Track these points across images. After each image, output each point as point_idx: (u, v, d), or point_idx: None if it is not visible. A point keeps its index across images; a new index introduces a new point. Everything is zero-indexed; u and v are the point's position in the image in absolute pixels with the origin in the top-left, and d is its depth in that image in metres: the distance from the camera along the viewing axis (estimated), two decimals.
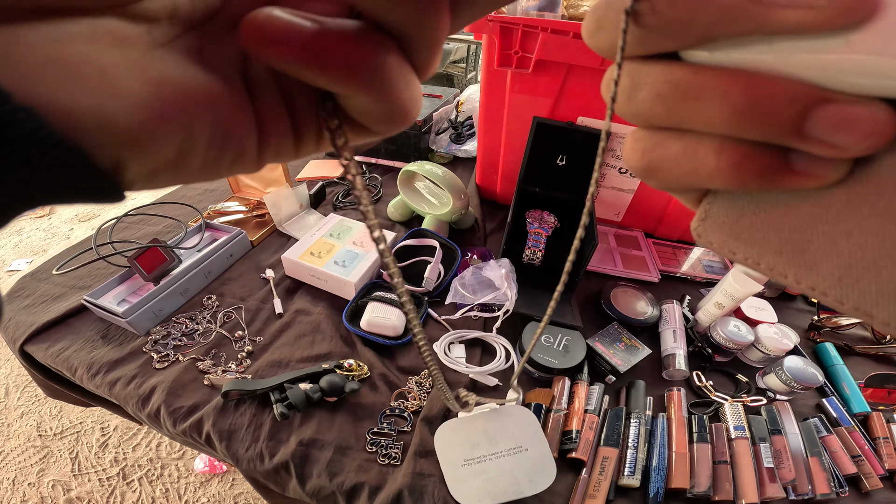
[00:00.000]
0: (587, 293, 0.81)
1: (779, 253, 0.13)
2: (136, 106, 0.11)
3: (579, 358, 0.63)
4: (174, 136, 0.12)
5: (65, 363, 0.63)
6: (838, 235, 0.12)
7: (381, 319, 0.67)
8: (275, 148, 0.15)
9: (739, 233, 0.14)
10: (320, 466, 0.53)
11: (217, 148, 0.13)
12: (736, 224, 0.14)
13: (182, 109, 0.12)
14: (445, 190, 0.83)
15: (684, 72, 0.12)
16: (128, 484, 1.28)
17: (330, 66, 0.12)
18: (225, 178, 0.15)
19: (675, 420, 0.60)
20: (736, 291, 0.68)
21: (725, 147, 0.12)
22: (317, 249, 0.78)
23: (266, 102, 0.14)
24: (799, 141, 0.11)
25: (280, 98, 0.14)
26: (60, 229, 2.28)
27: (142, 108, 0.11)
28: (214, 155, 0.13)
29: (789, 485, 0.55)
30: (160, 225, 0.90)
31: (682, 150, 0.13)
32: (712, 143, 0.12)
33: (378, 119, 0.14)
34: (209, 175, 0.14)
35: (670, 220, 0.94)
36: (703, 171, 0.13)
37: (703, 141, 0.13)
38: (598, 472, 0.54)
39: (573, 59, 0.69)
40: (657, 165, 0.14)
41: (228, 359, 0.65)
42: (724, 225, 0.14)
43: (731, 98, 0.11)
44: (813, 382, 0.63)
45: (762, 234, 0.13)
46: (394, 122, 0.15)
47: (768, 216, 0.13)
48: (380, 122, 0.14)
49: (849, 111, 0.10)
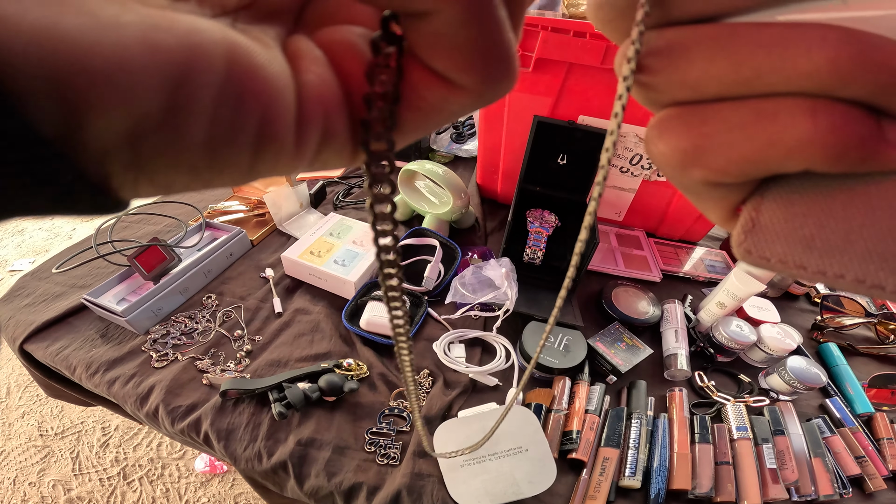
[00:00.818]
0: (588, 293, 0.81)
1: (868, 260, 0.10)
2: (111, 25, 0.08)
3: (580, 358, 0.62)
4: (162, 74, 0.08)
5: (64, 362, 0.63)
6: None
7: (381, 319, 0.67)
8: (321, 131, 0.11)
9: (811, 239, 0.11)
10: (318, 466, 0.53)
11: (231, 109, 0.09)
12: (802, 228, 0.11)
13: (184, 40, 0.09)
14: (446, 189, 0.83)
15: (768, 29, 0.10)
16: (128, 484, 1.28)
17: None
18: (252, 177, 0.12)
19: (677, 420, 0.59)
20: (738, 291, 0.68)
21: (820, 106, 0.09)
22: (317, 248, 0.78)
23: (311, 66, 0.11)
24: None
25: (330, 67, 0.11)
26: (63, 229, 2.29)
27: (118, 28, 0.08)
28: (227, 121, 0.10)
29: (792, 486, 0.55)
30: (160, 224, 0.90)
31: (754, 117, 0.10)
32: (802, 105, 0.10)
33: (467, 57, 0.10)
34: (225, 162, 0.10)
35: (672, 220, 0.94)
36: (789, 140, 0.10)
37: (785, 103, 0.10)
38: (599, 473, 0.53)
39: (574, 57, 0.69)
40: (710, 145, 0.11)
41: (227, 358, 0.65)
42: (783, 231, 0.11)
43: (831, 45, 0.09)
44: (816, 383, 0.62)
45: (843, 237, 0.10)
46: (491, 67, 0.11)
47: (848, 213, 0.10)
48: (470, 63, 0.11)
49: None
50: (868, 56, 0.09)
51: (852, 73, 0.09)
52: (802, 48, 0.09)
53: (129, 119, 0.08)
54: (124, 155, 0.09)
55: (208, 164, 0.10)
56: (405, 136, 0.13)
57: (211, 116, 0.09)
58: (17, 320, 0.68)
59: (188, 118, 0.09)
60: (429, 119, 0.12)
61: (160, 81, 0.08)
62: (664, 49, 0.11)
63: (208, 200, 0.97)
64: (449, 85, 0.11)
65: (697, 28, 0.10)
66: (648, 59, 0.11)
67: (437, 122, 0.12)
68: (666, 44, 0.11)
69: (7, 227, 2.29)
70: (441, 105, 0.12)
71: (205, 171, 0.10)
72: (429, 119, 0.12)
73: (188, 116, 0.09)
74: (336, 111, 0.12)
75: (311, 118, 0.11)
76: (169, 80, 0.08)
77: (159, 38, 0.08)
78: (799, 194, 0.11)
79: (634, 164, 0.84)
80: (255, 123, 0.10)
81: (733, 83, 0.10)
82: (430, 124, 0.12)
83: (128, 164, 0.09)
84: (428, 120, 0.12)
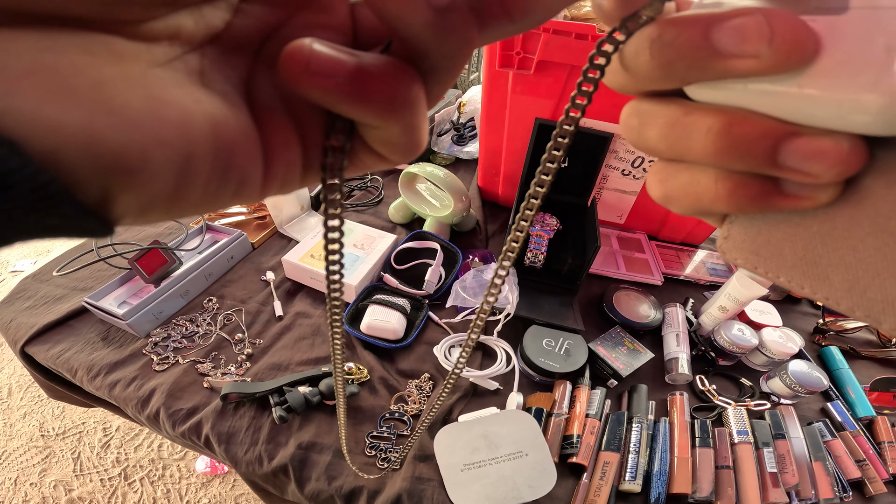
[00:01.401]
0: (589, 296, 0.81)
1: (794, 267, 0.14)
2: (133, 125, 0.10)
3: (581, 362, 0.62)
4: (172, 164, 0.11)
5: (65, 365, 0.63)
6: (845, 250, 0.13)
7: (382, 322, 0.67)
8: (282, 177, 0.15)
9: (758, 249, 0.15)
10: (319, 470, 0.53)
11: (218, 177, 0.12)
12: (754, 241, 0.15)
13: (182, 132, 0.11)
14: (447, 192, 0.83)
15: (678, 111, 0.14)
16: (129, 484, 1.28)
17: (373, 99, 0.12)
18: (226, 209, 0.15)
19: (678, 424, 0.59)
20: (740, 295, 0.68)
21: (720, 176, 0.13)
22: (317, 251, 0.78)
23: (274, 128, 0.14)
24: (776, 170, 0.12)
25: (289, 123, 0.14)
26: None
27: (138, 128, 0.10)
28: (216, 185, 0.12)
29: (793, 490, 0.55)
30: (161, 227, 0.90)
31: (689, 180, 0.14)
32: (710, 173, 0.14)
33: (399, 149, 0.15)
34: (206, 207, 0.13)
35: (673, 223, 0.93)
36: (707, 198, 0.14)
37: (704, 171, 0.14)
38: (599, 477, 0.53)
39: (575, 59, 0.69)
40: (672, 194, 0.15)
41: (228, 361, 0.65)
42: (743, 243, 0.15)
43: (714, 135, 0.12)
44: (817, 386, 0.62)
45: (778, 251, 0.14)
46: (411, 152, 0.15)
47: (782, 234, 0.14)
48: (399, 151, 0.15)
49: (814, 144, 0.11)
50: (738, 142, 0.12)
51: (730, 155, 0.12)
52: (701, 136, 0.13)
53: (147, 197, 0.11)
54: (136, 214, 0.11)
55: (195, 210, 0.13)
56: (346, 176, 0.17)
57: (204, 187, 0.12)
58: (18, 323, 0.68)
59: (189, 191, 0.12)
60: (362, 171, 0.17)
61: (170, 170, 0.11)
62: (637, 125, 0.15)
63: None
64: (381, 156, 0.15)
65: (655, 108, 0.14)
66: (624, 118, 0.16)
67: (360, 173, 0.17)
68: (638, 120, 0.15)
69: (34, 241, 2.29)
70: (372, 166, 0.16)
71: (190, 212, 0.13)
72: (362, 171, 0.17)
73: (189, 190, 0.12)
74: (294, 163, 0.15)
75: (275, 173, 0.14)
76: (176, 169, 0.11)
77: (167, 136, 0.10)
78: (755, 217, 0.15)
79: (636, 167, 0.84)
80: (235, 184, 0.13)
81: (674, 156, 0.14)
82: (363, 173, 0.17)
83: (135, 217, 0.11)
84: (361, 171, 0.17)
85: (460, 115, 1.21)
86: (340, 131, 0.14)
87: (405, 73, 0.13)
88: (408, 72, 0.13)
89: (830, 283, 0.13)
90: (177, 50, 0.12)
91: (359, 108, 0.12)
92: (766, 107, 0.12)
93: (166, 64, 0.12)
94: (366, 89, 0.12)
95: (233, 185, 0.13)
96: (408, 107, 0.13)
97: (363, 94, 0.12)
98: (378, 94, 0.12)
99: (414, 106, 0.13)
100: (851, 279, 0.13)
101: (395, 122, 0.13)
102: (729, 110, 0.13)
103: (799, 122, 0.12)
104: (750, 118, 0.12)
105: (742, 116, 0.12)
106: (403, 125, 0.13)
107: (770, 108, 0.12)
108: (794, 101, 0.11)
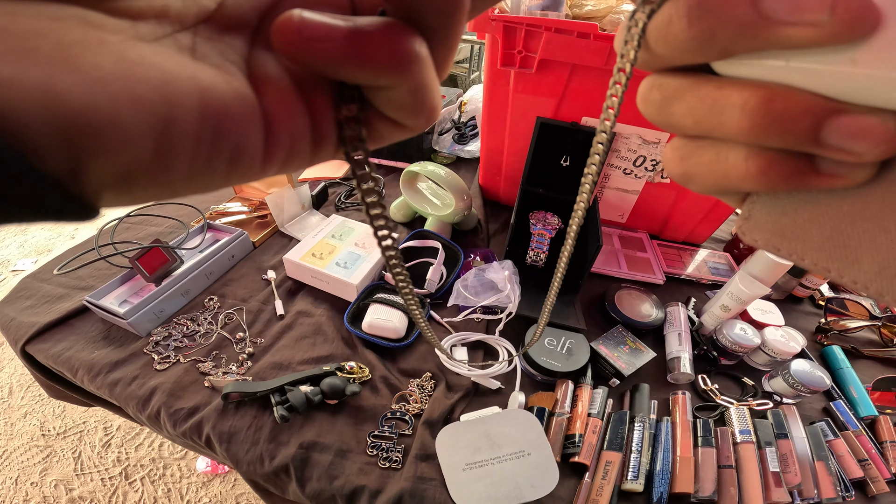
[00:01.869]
0: (591, 295, 0.81)
1: (821, 249, 0.14)
2: (100, 83, 0.09)
3: (583, 361, 0.62)
4: (148, 125, 0.10)
5: (66, 364, 0.63)
6: (877, 232, 0.12)
7: (383, 321, 0.67)
8: (287, 149, 0.14)
9: (783, 230, 0.14)
10: (320, 469, 0.53)
11: (209, 145, 0.11)
12: (778, 222, 0.14)
13: (161, 92, 0.10)
14: (448, 191, 0.83)
15: (709, 86, 0.13)
16: (130, 484, 1.28)
17: (375, 58, 0.12)
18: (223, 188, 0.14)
19: (680, 424, 0.59)
20: (742, 294, 0.67)
21: (752, 154, 0.13)
22: (318, 251, 0.78)
23: (276, 98, 0.13)
24: (817, 148, 0.12)
25: (295, 94, 0.13)
26: (65, 229, 2.29)
27: (106, 86, 0.09)
28: (206, 154, 0.11)
29: (795, 489, 0.54)
30: (162, 226, 0.90)
31: (714, 157, 0.14)
32: (740, 151, 0.13)
33: (413, 112, 0.14)
34: (201, 184, 0.12)
35: (675, 222, 0.93)
36: (735, 176, 0.13)
37: (732, 148, 0.13)
38: (601, 477, 0.53)
39: (577, 58, 0.69)
40: (693, 172, 0.15)
41: (229, 360, 0.65)
42: (766, 223, 0.15)
43: (751, 111, 0.12)
44: (820, 386, 0.62)
45: (805, 231, 0.14)
46: (426, 115, 0.15)
47: (809, 214, 0.14)
48: (414, 115, 0.14)
49: (861, 122, 0.11)
50: (778, 118, 0.11)
51: (768, 132, 0.12)
52: (736, 112, 0.12)
53: (122, 163, 0.10)
54: (115, 188, 0.10)
55: (186, 186, 0.12)
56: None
57: (191, 155, 0.11)
58: (18, 322, 0.68)
59: (172, 159, 0.11)
60: (379, 143, 0.16)
61: (146, 132, 0.10)
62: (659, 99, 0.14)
63: (210, 202, 0.97)
64: (396, 123, 0.15)
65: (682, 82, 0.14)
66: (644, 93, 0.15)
67: (381, 145, 0.16)
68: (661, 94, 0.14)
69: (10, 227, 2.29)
70: (389, 136, 0.16)
71: (181, 190, 0.12)
72: (379, 143, 0.16)
73: (173, 158, 0.11)
74: (301, 135, 0.14)
75: (279, 145, 0.13)
76: (153, 131, 0.10)
77: (141, 93, 0.09)
78: (780, 196, 0.14)
79: (638, 166, 0.84)
80: (228, 155, 0.12)
81: (701, 132, 0.14)
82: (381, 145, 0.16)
83: (117, 193, 0.10)
84: (379, 143, 0.16)
85: (461, 113, 1.21)
86: (350, 99, 0.14)
87: (403, 29, 0.12)
88: (406, 28, 0.12)
89: (859, 265, 0.13)
90: (166, 28, 0.11)
91: (362, 68, 0.12)
92: (808, 82, 0.11)
93: (153, 41, 0.11)
94: (366, 49, 0.12)
95: (226, 154, 0.12)
96: (413, 62, 0.12)
97: (363, 54, 0.12)
98: (379, 52, 0.12)
99: (419, 62, 0.13)
100: (882, 262, 0.12)
101: (403, 80, 0.13)
102: (767, 85, 0.12)
103: (843, 99, 0.11)
104: (791, 93, 0.12)
105: (783, 91, 0.12)
106: (412, 84, 0.13)
107: (813, 84, 0.11)
108: (842, 78, 0.11)
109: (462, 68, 3.18)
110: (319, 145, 0.15)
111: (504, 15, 0.69)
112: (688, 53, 0.13)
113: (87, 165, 0.09)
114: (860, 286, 0.13)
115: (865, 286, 0.13)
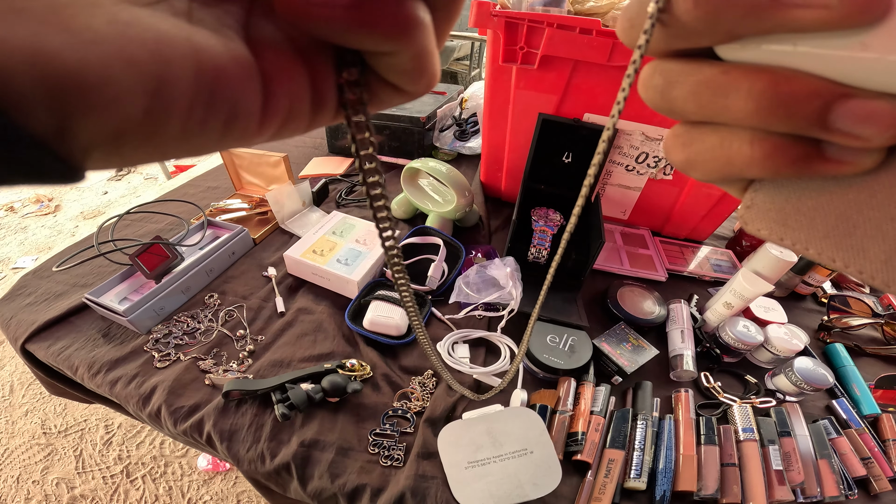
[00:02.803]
0: (593, 292, 0.80)
1: (826, 238, 0.13)
2: (90, 41, 0.09)
3: (585, 358, 0.62)
4: (140, 83, 0.10)
5: (66, 362, 0.63)
6: (884, 220, 0.12)
7: (384, 318, 0.66)
8: (286, 111, 0.14)
9: (786, 219, 0.14)
10: (322, 468, 0.53)
11: (203, 105, 0.11)
12: (782, 211, 0.14)
13: (154, 51, 0.10)
14: (449, 187, 0.82)
15: (714, 70, 0.13)
16: (131, 482, 1.28)
17: (380, 23, 0.12)
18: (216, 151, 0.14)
19: (683, 421, 0.59)
20: (745, 291, 0.67)
21: (757, 138, 0.13)
22: (319, 247, 0.77)
23: (275, 59, 0.13)
24: (824, 133, 0.11)
25: (294, 56, 0.13)
26: (66, 227, 2.29)
27: (97, 45, 0.09)
28: (201, 114, 0.11)
29: (798, 487, 0.54)
30: (162, 222, 0.90)
31: (718, 142, 0.14)
32: (745, 135, 0.13)
33: (413, 77, 0.14)
34: (195, 145, 0.12)
35: (678, 219, 0.93)
36: (739, 161, 0.13)
37: (737, 133, 0.13)
38: (604, 475, 0.53)
39: (579, 54, 0.68)
40: (696, 158, 0.14)
41: (230, 358, 0.64)
42: (769, 212, 0.15)
43: (757, 94, 0.12)
44: (823, 384, 0.62)
45: (809, 220, 0.14)
46: (426, 80, 0.15)
47: (814, 202, 0.13)
48: (414, 80, 0.14)
49: (869, 106, 0.11)
50: (785, 102, 0.11)
51: (774, 116, 0.12)
52: (742, 95, 0.12)
53: (112, 123, 0.10)
54: (106, 148, 0.10)
55: (179, 148, 0.12)
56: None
57: (185, 116, 0.11)
58: (18, 320, 0.68)
59: (166, 119, 0.10)
60: (380, 107, 0.16)
61: (138, 91, 0.10)
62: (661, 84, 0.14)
63: (210, 198, 0.96)
64: (396, 88, 0.15)
65: (685, 67, 0.13)
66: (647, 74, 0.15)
67: (381, 109, 0.16)
68: (663, 79, 0.14)
69: (10, 224, 2.29)
70: (389, 100, 0.16)
71: (174, 153, 0.12)
72: (380, 107, 0.16)
73: (166, 118, 0.10)
74: (300, 98, 0.14)
75: (277, 107, 0.13)
76: (146, 90, 0.10)
77: (134, 53, 0.09)
78: (784, 184, 0.14)
79: (640, 163, 0.83)
80: (224, 117, 0.12)
81: (704, 117, 0.14)
82: (381, 109, 0.17)
83: (107, 154, 0.10)
84: (379, 108, 0.16)
85: (462, 110, 1.21)
86: (351, 64, 0.14)
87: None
88: None
89: (865, 255, 0.12)
90: None
91: (366, 34, 0.12)
92: (816, 67, 0.11)
93: (147, 5, 0.11)
94: (370, 15, 0.12)
95: (222, 115, 0.12)
96: (416, 27, 0.13)
97: (367, 20, 0.12)
98: (384, 18, 0.12)
99: (422, 27, 0.13)
100: (889, 251, 0.12)
101: (406, 46, 0.13)
102: (774, 69, 0.12)
103: (851, 84, 0.11)
104: (799, 77, 0.11)
105: (790, 75, 0.12)
106: (415, 49, 0.13)
107: (821, 68, 0.11)
108: (852, 62, 0.11)
109: (463, 65, 3.17)
110: (319, 109, 0.15)
111: (506, 11, 0.69)
112: (692, 35, 0.13)
113: (76, 123, 0.09)
114: (866, 276, 0.12)
115: (872, 276, 0.12)
